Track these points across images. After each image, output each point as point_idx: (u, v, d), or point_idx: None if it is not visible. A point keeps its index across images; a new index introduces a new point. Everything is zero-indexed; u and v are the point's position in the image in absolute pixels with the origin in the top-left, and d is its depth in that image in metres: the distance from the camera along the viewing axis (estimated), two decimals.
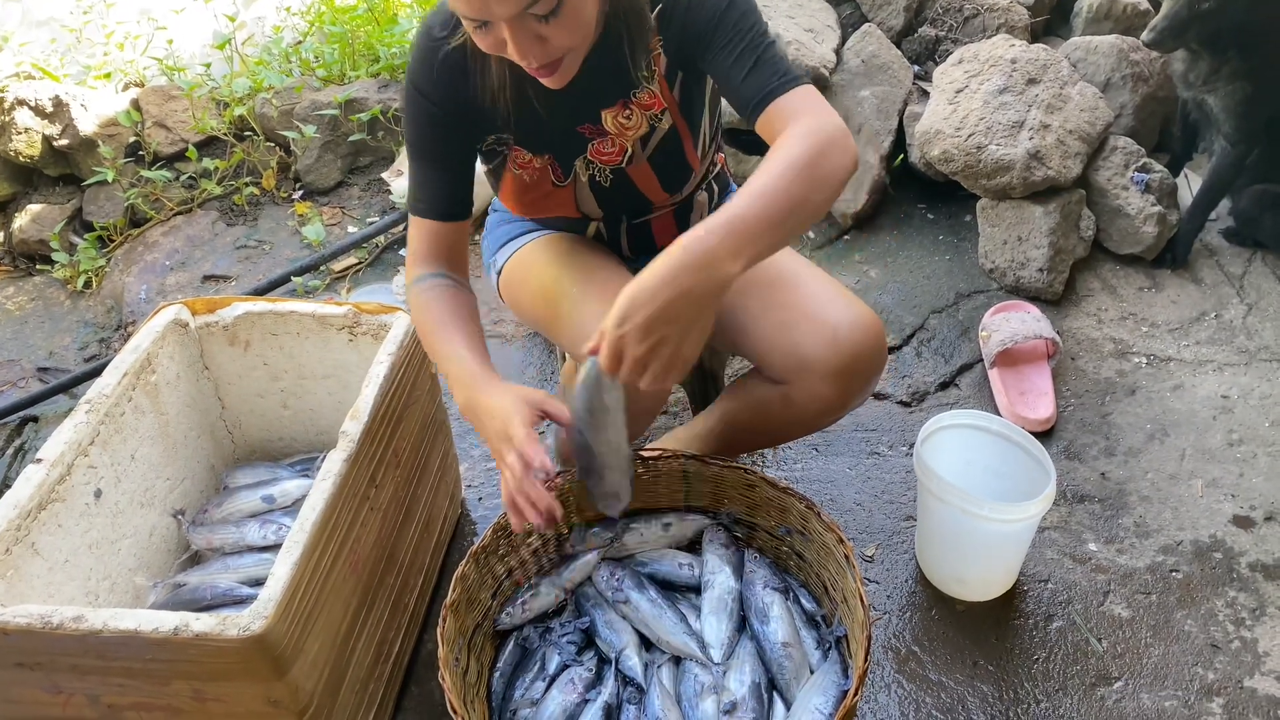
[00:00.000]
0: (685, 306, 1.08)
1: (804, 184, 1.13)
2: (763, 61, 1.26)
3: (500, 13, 1.12)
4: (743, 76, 1.26)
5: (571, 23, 1.18)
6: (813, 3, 2.96)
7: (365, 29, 3.17)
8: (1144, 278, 2.48)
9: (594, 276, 1.51)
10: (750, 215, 1.10)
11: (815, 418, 1.58)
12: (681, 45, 1.35)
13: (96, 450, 1.45)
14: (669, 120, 1.45)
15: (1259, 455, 2.01)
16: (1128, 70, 2.64)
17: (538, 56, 1.20)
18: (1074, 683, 1.63)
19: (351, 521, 1.36)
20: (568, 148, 1.47)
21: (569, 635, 1.53)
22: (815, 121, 1.18)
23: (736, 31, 1.29)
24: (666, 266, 1.08)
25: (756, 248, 1.11)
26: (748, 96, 1.26)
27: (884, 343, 1.49)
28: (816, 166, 1.14)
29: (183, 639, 1.13)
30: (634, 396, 1.29)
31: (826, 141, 1.16)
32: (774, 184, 1.12)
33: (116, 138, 2.87)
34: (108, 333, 2.55)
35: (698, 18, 1.31)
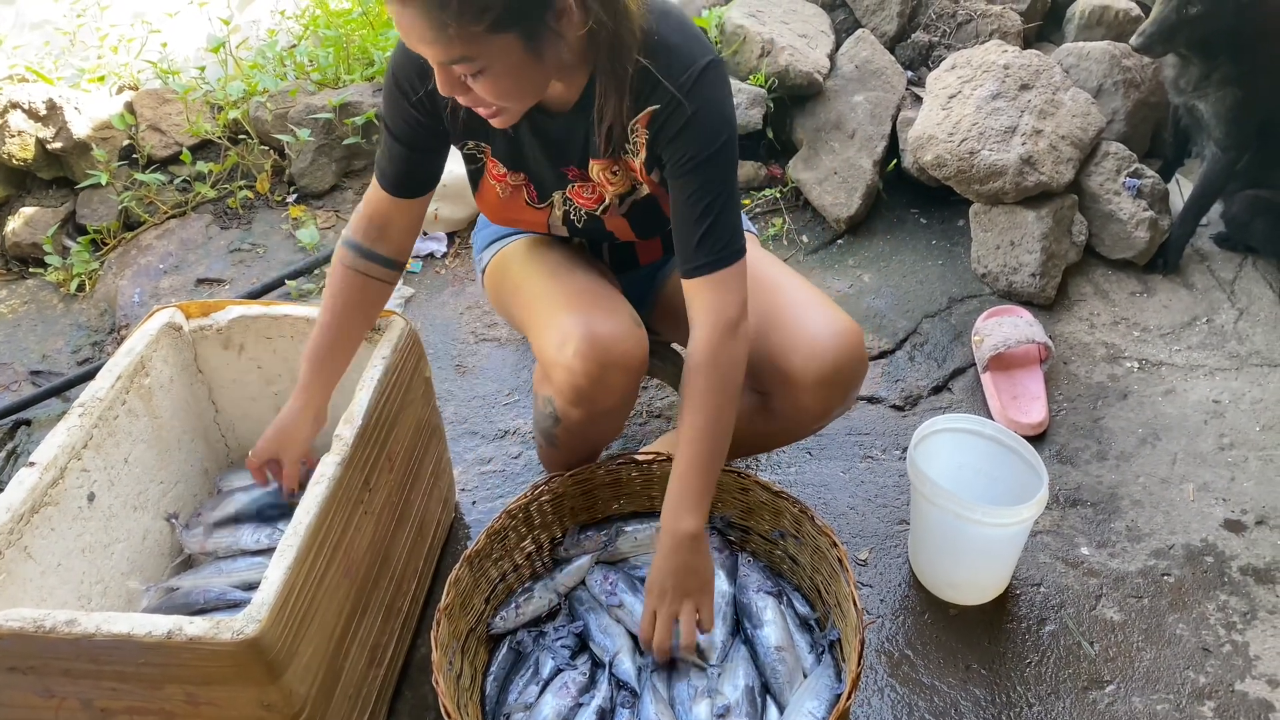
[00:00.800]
0: (674, 570, 1.39)
1: (715, 419, 1.36)
2: (715, 228, 1.32)
3: (424, 53, 1.16)
4: (695, 237, 1.33)
5: (495, 89, 1.19)
6: (806, 8, 2.97)
7: (360, 33, 3.17)
8: (1136, 283, 2.49)
9: (560, 276, 1.53)
10: (692, 477, 1.36)
11: (797, 427, 1.59)
12: (664, 154, 1.35)
13: (90, 454, 1.45)
14: (648, 190, 1.46)
15: (1250, 459, 2.02)
16: (1120, 76, 2.65)
17: (464, 100, 1.23)
18: (1066, 686, 1.63)
19: (345, 525, 1.36)
20: (549, 179, 1.48)
21: (563, 639, 1.53)
22: (722, 329, 1.33)
23: (708, 186, 1.32)
24: (658, 560, 1.40)
25: (705, 491, 1.38)
26: (689, 257, 1.35)
27: (864, 352, 1.51)
28: (717, 398, 1.35)
29: (176, 643, 1.12)
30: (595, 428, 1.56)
31: (728, 363, 1.34)
32: (707, 447, 1.36)
33: (110, 141, 2.86)
34: (101, 336, 2.54)
35: (681, 149, 1.31)
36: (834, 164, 2.68)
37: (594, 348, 1.38)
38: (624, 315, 1.45)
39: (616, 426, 1.63)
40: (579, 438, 1.57)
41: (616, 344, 1.40)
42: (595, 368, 1.39)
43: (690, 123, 1.29)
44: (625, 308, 1.48)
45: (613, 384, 1.42)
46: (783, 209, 2.74)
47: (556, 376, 1.43)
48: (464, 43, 1.12)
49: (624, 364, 1.42)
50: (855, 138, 2.69)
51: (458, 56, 1.14)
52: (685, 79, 1.27)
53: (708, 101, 1.29)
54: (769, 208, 2.75)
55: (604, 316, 1.42)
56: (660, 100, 1.29)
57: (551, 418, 1.52)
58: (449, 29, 1.09)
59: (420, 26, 1.10)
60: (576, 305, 1.44)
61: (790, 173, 2.75)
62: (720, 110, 1.31)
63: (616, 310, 1.46)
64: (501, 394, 2.25)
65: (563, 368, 1.40)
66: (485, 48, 1.13)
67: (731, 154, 1.33)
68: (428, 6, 1.08)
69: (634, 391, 1.51)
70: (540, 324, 1.48)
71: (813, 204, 2.73)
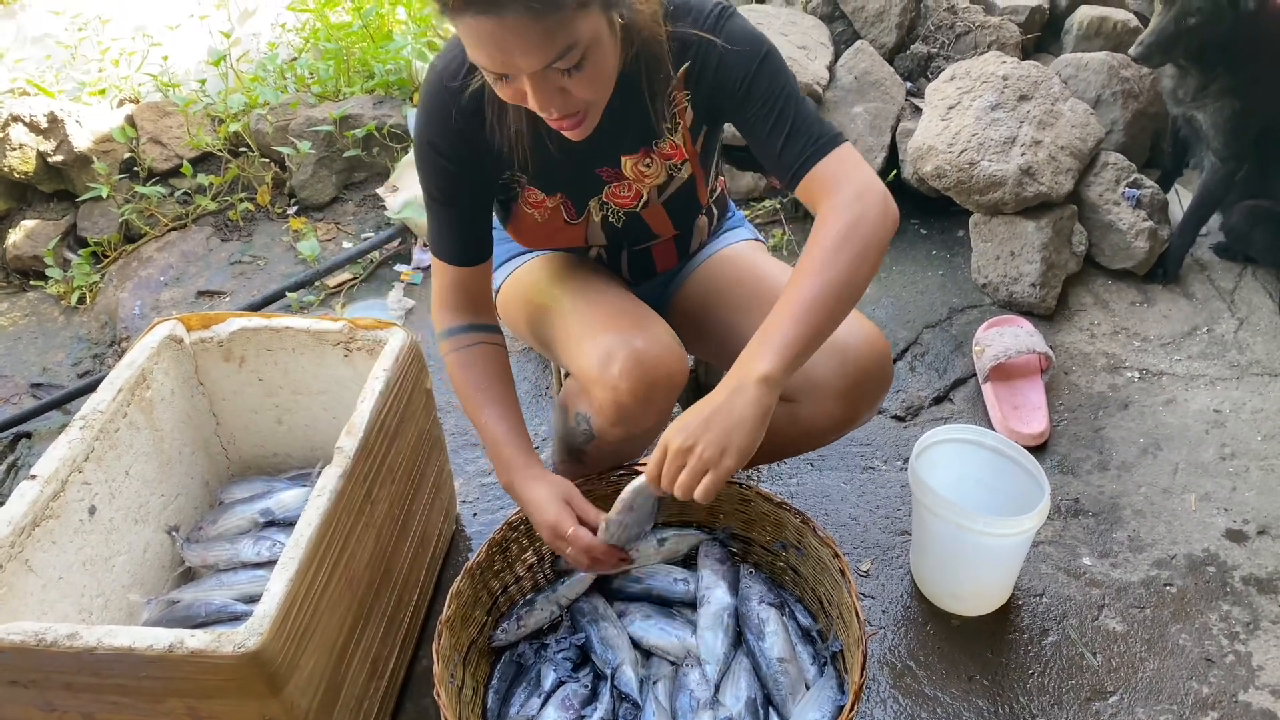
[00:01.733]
0: (727, 411, 1.19)
1: (844, 277, 1.21)
2: (797, 128, 1.29)
3: (524, 66, 1.11)
4: (780, 147, 1.30)
5: (594, 76, 1.17)
6: (805, 20, 2.98)
7: (360, 45, 3.18)
8: (1136, 293, 2.50)
9: (591, 297, 1.51)
10: (794, 336, 1.19)
11: (822, 434, 1.59)
12: (711, 103, 1.35)
13: (91, 466, 1.45)
14: (688, 170, 1.46)
15: (1251, 469, 2.02)
16: (1118, 87, 2.66)
17: (559, 108, 1.19)
18: (1069, 697, 1.63)
19: (347, 537, 1.36)
20: (584, 188, 1.47)
21: (565, 651, 1.53)
22: (850, 193, 1.24)
23: (769, 97, 1.30)
24: (720, 392, 1.20)
25: (801, 360, 1.21)
26: (786, 166, 1.31)
27: (889, 359, 1.50)
28: (854, 251, 1.22)
29: (177, 656, 1.12)
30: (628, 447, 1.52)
31: (858, 219, 1.23)
32: (814, 295, 1.20)
33: (111, 154, 2.87)
34: (102, 349, 2.55)
35: (728, 79, 1.31)
36: None
37: (639, 366, 1.37)
38: (664, 334, 1.44)
39: (647, 444, 1.62)
40: (610, 456, 1.56)
41: (661, 363, 1.39)
42: (641, 387, 1.37)
43: (725, 56, 1.30)
44: (663, 326, 1.47)
45: (656, 402, 1.41)
46: (783, 220, 2.75)
47: (599, 395, 1.40)
48: (563, 30, 1.09)
49: (668, 384, 1.41)
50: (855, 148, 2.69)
51: (564, 47, 1.10)
52: (706, 23, 1.30)
53: (733, 31, 1.31)
54: (770, 219, 2.76)
55: (645, 335, 1.41)
56: (689, 55, 1.31)
57: (585, 435, 1.51)
58: (546, 20, 1.06)
59: (520, 30, 1.07)
60: (617, 324, 1.42)
61: None
62: (748, 33, 1.31)
63: (656, 329, 1.44)
64: None
65: (607, 386, 1.38)
66: (582, 28, 1.11)
67: (778, 63, 1.31)
68: (525, 5, 1.05)
69: (672, 410, 1.50)
70: (578, 343, 1.45)
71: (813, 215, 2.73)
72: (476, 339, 1.46)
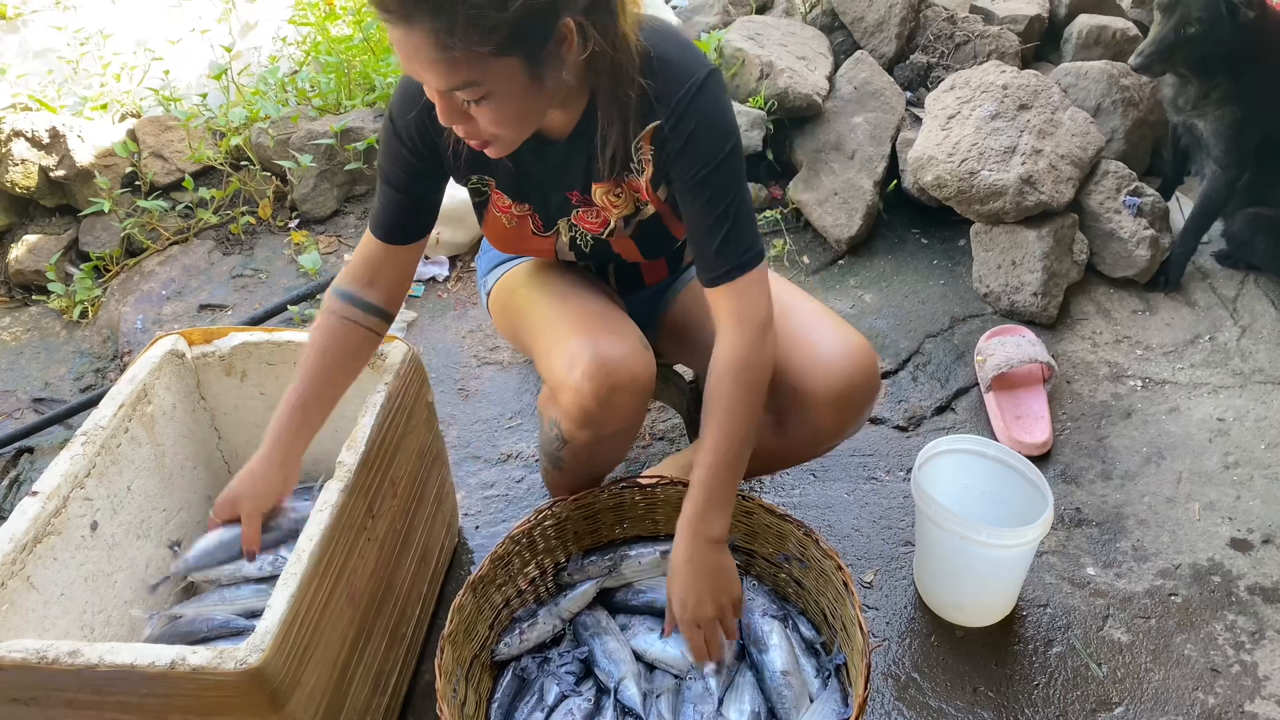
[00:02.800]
0: (708, 573, 1.39)
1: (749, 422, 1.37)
2: (732, 235, 1.34)
3: (428, 82, 1.16)
4: (714, 246, 1.34)
5: (497, 115, 1.19)
6: (805, 31, 2.98)
7: (361, 59, 3.18)
8: (1138, 301, 2.49)
9: (565, 302, 1.52)
10: (718, 483, 1.37)
11: (811, 446, 1.59)
12: (672, 169, 1.35)
13: (93, 482, 1.45)
14: (653, 209, 1.46)
15: (1255, 478, 2.02)
16: (1118, 95, 2.66)
17: (464, 131, 1.23)
18: (1074, 708, 1.62)
19: (349, 552, 1.36)
20: (553, 207, 1.48)
21: (567, 665, 1.52)
22: (755, 329, 1.35)
23: (719, 195, 1.33)
24: (682, 562, 1.39)
25: (730, 499, 1.40)
26: (711, 265, 1.36)
27: (877, 370, 1.51)
28: (755, 397, 1.37)
29: (179, 673, 1.12)
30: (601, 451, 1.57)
31: (759, 361, 1.36)
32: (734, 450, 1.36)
33: (113, 168, 2.88)
34: (104, 363, 2.55)
35: (689, 160, 1.31)
36: (834, 185, 2.69)
37: (601, 369, 1.38)
38: (631, 337, 1.45)
39: (623, 449, 1.62)
40: (585, 461, 1.57)
41: (624, 366, 1.40)
42: (603, 390, 1.38)
43: (695, 134, 1.30)
44: (633, 329, 1.48)
45: (620, 406, 1.42)
46: (784, 230, 2.75)
47: (564, 399, 1.42)
48: (468, 66, 1.12)
49: (631, 386, 1.41)
50: (855, 159, 2.70)
51: (461, 82, 1.14)
52: (685, 92, 1.29)
53: (709, 112, 1.30)
54: (770, 229, 2.76)
55: (611, 338, 1.42)
56: (662, 115, 1.30)
57: (558, 440, 1.52)
58: (454, 51, 1.09)
59: (425, 49, 1.10)
60: (584, 328, 1.44)
61: (791, 194, 2.76)
62: (723, 118, 1.32)
63: (624, 332, 1.45)
64: (504, 418, 2.25)
65: (570, 389, 1.40)
66: (489, 72, 1.13)
67: (739, 160, 1.34)
68: (434, 29, 1.08)
69: (641, 414, 1.51)
70: (547, 347, 1.48)
71: (813, 225, 2.73)
72: (349, 313, 1.47)
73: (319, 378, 1.46)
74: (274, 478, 1.44)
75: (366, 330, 1.49)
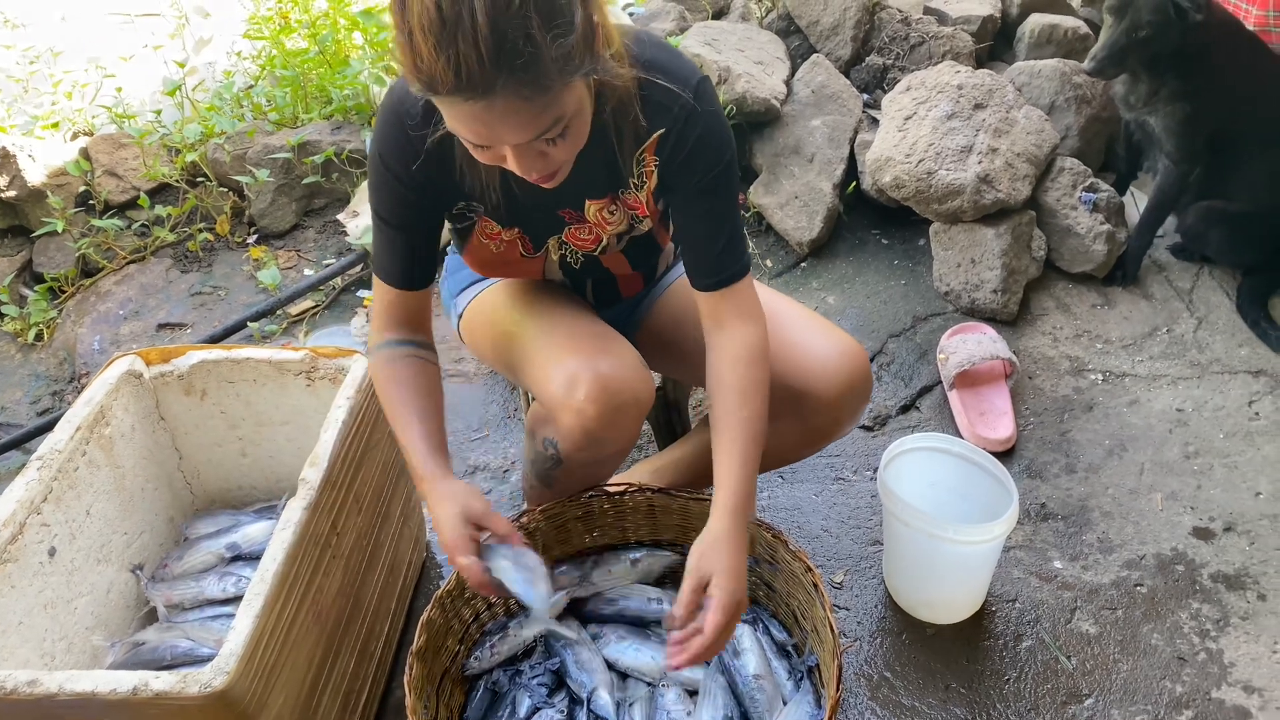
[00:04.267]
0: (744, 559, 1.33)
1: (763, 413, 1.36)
2: (732, 242, 1.36)
3: (511, 141, 1.09)
4: (716, 252, 1.35)
5: (575, 140, 1.16)
6: (761, 35, 3.00)
7: (317, 71, 3.16)
8: (1096, 295, 2.52)
9: (555, 321, 1.50)
10: (751, 464, 1.35)
11: (807, 446, 1.61)
12: (675, 178, 1.34)
13: (50, 507, 1.42)
14: (649, 224, 1.46)
15: (1215, 467, 2.04)
16: (1071, 93, 2.70)
17: (539, 170, 1.16)
18: (1045, 702, 1.63)
19: (314, 570, 1.34)
20: (544, 226, 1.45)
21: (539, 677, 1.51)
22: (758, 329, 1.37)
23: (722, 202, 1.34)
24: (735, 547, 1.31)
25: (754, 501, 1.37)
26: (711, 270, 1.37)
27: (869, 371, 1.53)
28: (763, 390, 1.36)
29: (142, 699, 1.10)
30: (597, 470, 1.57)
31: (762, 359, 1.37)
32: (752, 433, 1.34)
33: (66, 187, 2.84)
34: (61, 385, 2.51)
35: (695, 166, 1.31)
36: (794, 188, 2.70)
37: (605, 391, 1.36)
38: (630, 356, 1.44)
39: (616, 466, 1.62)
40: (578, 480, 1.56)
41: (627, 386, 1.39)
42: (607, 410, 1.37)
43: (701, 139, 1.29)
44: (629, 348, 1.46)
45: (622, 426, 1.41)
46: (746, 234, 2.76)
47: (565, 420, 1.39)
48: (553, 107, 1.06)
49: (635, 406, 1.40)
50: (814, 162, 2.71)
51: (551, 122, 1.08)
52: (686, 99, 1.27)
53: (711, 121, 1.30)
54: None
55: (610, 358, 1.40)
56: (666, 122, 1.28)
57: (553, 460, 1.50)
58: (542, 98, 1.04)
59: (514, 107, 1.03)
60: (580, 348, 1.41)
61: (752, 198, 2.77)
62: (723, 127, 1.32)
63: (621, 352, 1.44)
64: (470, 430, 2.23)
65: (572, 411, 1.37)
66: (568, 101, 1.08)
67: (736, 170, 1.36)
68: (526, 82, 1.01)
69: (638, 432, 1.50)
70: (542, 368, 1.44)
71: (775, 228, 2.74)
72: (409, 353, 1.41)
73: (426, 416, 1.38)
74: (463, 488, 1.35)
75: (431, 364, 1.43)
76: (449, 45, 0.97)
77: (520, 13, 0.97)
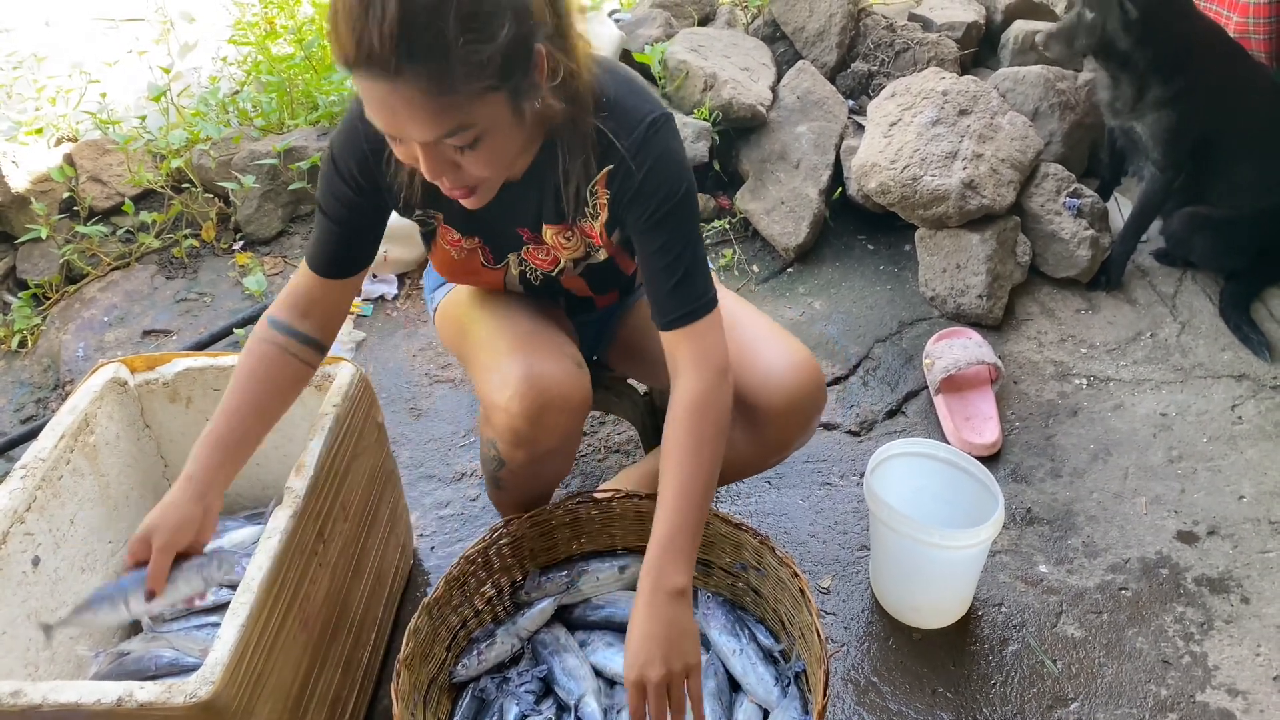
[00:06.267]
0: (664, 629, 1.27)
1: (711, 468, 1.33)
2: (687, 279, 1.32)
3: (415, 136, 1.10)
4: (667, 290, 1.32)
5: (489, 158, 1.16)
6: (747, 41, 3.01)
7: (303, 77, 3.15)
8: (1081, 300, 2.54)
9: (504, 321, 1.51)
10: (692, 542, 1.31)
11: (759, 460, 1.60)
12: (626, 213, 1.34)
13: (33, 516, 1.42)
14: (605, 254, 1.46)
15: (1199, 471, 2.06)
16: (1055, 99, 2.71)
17: (451, 180, 1.18)
18: (1031, 706, 1.64)
19: (300, 579, 1.34)
20: (503, 240, 1.46)
21: (527, 684, 1.51)
22: (713, 374, 1.33)
23: (673, 238, 1.31)
24: (641, 616, 1.28)
25: (694, 547, 1.32)
26: (666, 309, 1.34)
27: (822, 382, 1.52)
28: (715, 442, 1.33)
29: (126, 710, 1.09)
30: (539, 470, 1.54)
31: (718, 406, 1.33)
32: (696, 497, 1.31)
33: (50, 194, 2.82)
34: (45, 393, 2.49)
35: (643, 202, 1.30)
36: (781, 194, 2.71)
37: (532, 389, 1.37)
38: (565, 357, 1.44)
39: (562, 467, 1.62)
40: (525, 479, 1.56)
41: (555, 386, 1.39)
42: (533, 410, 1.38)
43: (649, 178, 1.28)
44: (568, 349, 1.47)
45: (552, 425, 1.41)
46: (733, 240, 2.76)
47: (496, 419, 1.42)
48: (460, 109, 1.08)
49: (563, 406, 1.41)
50: (800, 167, 2.72)
51: (454, 126, 1.09)
52: (640, 134, 1.27)
53: (663, 155, 1.29)
54: (719, 239, 2.77)
55: (545, 358, 1.41)
56: (615, 159, 1.29)
57: (496, 460, 1.51)
58: (447, 96, 1.05)
59: (417, 99, 1.05)
60: (518, 347, 1.43)
61: (738, 204, 2.77)
62: (676, 162, 1.31)
63: (558, 352, 1.44)
64: (458, 436, 2.23)
65: (501, 410, 1.40)
66: (478, 112, 1.09)
67: (693, 204, 1.33)
68: (427, 75, 1.03)
69: (576, 432, 1.51)
70: (482, 366, 1.47)
71: (762, 234, 2.75)
72: (283, 342, 1.40)
73: (247, 407, 1.36)
74: (192, 511, 1.30)
75: (300, 362, 1.42)
76: (359, 20, 1.01)
77: (434, 5, 1.01)
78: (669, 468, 1.32)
